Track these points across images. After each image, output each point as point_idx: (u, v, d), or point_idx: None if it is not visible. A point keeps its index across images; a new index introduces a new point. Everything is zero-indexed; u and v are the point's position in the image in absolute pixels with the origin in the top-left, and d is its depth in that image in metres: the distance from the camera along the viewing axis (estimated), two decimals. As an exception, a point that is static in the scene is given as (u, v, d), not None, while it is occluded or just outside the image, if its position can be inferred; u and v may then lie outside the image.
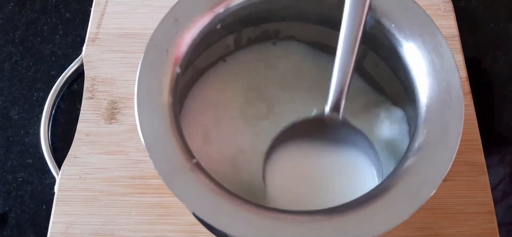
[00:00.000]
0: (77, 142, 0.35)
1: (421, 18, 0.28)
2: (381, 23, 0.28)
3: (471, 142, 0.35)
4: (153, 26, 0.27)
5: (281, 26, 0.34)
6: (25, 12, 0.43)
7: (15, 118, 0.38)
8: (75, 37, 0.42)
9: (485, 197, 0.33)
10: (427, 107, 0.26)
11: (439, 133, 0.25)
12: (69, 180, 0.33)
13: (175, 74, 0.27)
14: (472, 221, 0.33)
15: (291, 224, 0.23)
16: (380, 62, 0.33)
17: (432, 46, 0.27)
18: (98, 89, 0.37)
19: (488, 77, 0.41)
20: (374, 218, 0.23)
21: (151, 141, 0.24)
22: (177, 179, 0.23)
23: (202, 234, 0.31)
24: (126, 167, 0.34)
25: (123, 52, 0.38)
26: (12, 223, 0.34)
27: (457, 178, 0.34)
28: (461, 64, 0.38)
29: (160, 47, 0.27)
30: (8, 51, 0.41)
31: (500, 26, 0.44)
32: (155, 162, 0.24)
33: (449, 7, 0.41)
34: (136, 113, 0.25)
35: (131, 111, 0.36)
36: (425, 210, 0.27)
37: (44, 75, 0.40)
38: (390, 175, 0.25)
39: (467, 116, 0.36)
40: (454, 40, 0.39)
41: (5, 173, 0.36)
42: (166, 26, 0.28)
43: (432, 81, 0.26)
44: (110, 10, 0.40)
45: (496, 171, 0.37)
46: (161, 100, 0.25)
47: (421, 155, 0.24)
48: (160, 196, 0.33)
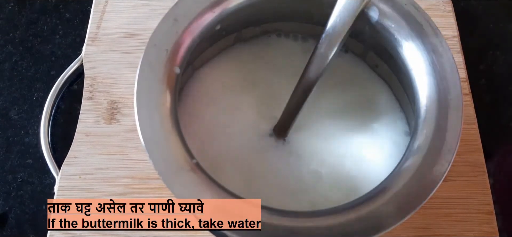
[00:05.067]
0: (77, 142, 0.35)
1: (421, 18, 0.28)
2: (381, 23, 0.28)
3: (471, 142, 0.35)
4: (153, 26, 0.27)
5: (281, 26, 0.34)
6: (25, 12, 0.43)
7: (15, 118, 0.38)
8: (75, 37, 0.42)
9: (485, 197, 0.33)
10: (427, 107, 0.26)
11: (439, 133, 0.25)
12: (69, 180, 0.33)
13: (175, 74, 0.27)
14: (472, 221, 0.33)
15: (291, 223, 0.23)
16: (380, 62, 0.33)
17: (432, 46, 0.27)
18: (98, 89, 0.37)
19: (488, 77, 0.41)
20: (374, 218, 0.23)
21: (151, 141, 0.24)
22: (177, 180, 0.23)
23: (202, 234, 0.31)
24: (126, 167, 0.34)
25: (123, 52, 0.38)
26: (12, 223, 0.34)
27: (457, 178, 0.34)
28: (461, 64, 0.38)
29: (160, 47, 0.27)
30: (8, 51, 0.41)
31: (500, 26, 0.44)
32: (155, 162, 0.24)
33: (449, 7, 0.41)
34: (136, 113, 0.25)
35: (131, 111, 0.36)
36: (425, 210, 0.27)
37: (44, 75, 0.40)
38: (390, 175, 0.25)
39: (467, 116, 0.36)
40: (454, 40, 0.39)
41: (5, 173, 0.36)
42: (166, 26, 0.28)
43: (432, 81, 0.26)
44: (110, 10, 0.40)
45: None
46: (161, 100, 0.25)
47: (421, 155, 0.24)
48: (160, 196, 0.33)
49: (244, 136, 0.31)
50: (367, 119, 0.32)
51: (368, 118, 0.32)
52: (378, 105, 0.33)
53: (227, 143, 0.31)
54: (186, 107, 0.31)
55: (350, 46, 0.34)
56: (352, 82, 0.34)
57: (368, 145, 0.31)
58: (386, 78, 0.33)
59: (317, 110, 0.32)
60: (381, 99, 0.33)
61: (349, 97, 0.33)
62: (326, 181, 0.30)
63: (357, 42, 0.33)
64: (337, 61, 0.34)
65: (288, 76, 0.31)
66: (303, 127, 0.31)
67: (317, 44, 0.28)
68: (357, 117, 0.32)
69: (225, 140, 0.31)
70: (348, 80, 0.34)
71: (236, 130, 0.31)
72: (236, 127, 0.32)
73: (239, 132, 0.31)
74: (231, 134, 0.31)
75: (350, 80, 0.34)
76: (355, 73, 0.34)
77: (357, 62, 0.34)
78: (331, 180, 0.30)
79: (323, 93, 0.32)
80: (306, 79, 0.28)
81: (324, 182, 0.30)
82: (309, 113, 0.31)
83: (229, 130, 0.31)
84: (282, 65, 0.34)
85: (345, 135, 0.32)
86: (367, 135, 0.32)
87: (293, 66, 0.31)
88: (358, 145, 0.31)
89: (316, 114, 0.32)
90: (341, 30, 0.27)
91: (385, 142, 0.31)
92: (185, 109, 0.31)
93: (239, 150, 0.31)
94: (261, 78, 0.34)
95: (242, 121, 0.32)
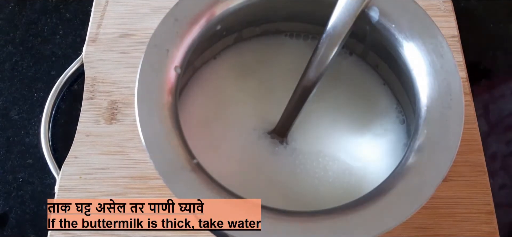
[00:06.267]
0: (78, 143, 0.35)
1: (421, 18, 0.28)
2: (381, 23, 0.28)
3: (471, 142, 0.35)
4: (153, 26, 0.27)
5: (282, 26, 0.34)
6: (25, 12, 0.43)
7: (15, 118, 0.38)
8: (75, 38, 0.42)
9: (485, 197, 0.33)
10: (427, 107, 0.26)
11: (439, 133, 0.25)
12: (69, 180, 0.33)
13: (176, 74, 0.27)
14: (472, 221, 0.33)
15: (291, 223, 0.23)
16: (380, 62, 0.33)
17: (432, 46, 0.27)
18: (98, 89, 0.37)
19: (488, 77, 0.41)
20: (374, 218, 0.23)
21: (151, 141, 0.24)
22: (178, 180, 0.23)
23: (202, 234, 0.31)
24: (127, 167, 0.34)
25: (123, 53, 0.38)
26: (12, 223, 0.34)
27: (457, 178, 0.34)
28: (461, 64, 0.38)
29: (160, 47, 0.27)
30: (8, 51, 0.41)
31: (500, 26, 0.44)
32: (156, 162, 0.24)
33: (449, 7, 0.41)
34: (137, 113, 0.25)
35: (131, 111, 0.36)
36: (425, 210, 0.27)
37: (44, 75, 0.40)
38: (390, 175, 0.25)
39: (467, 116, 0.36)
40: (454, 40, 0.39)
41: (5, 173, 0.36)
42: (166, 26, 0.28)
43: (432, 81, 0.26)
44: (110, 11, 0.40)
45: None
46: (161, 100, 0.25)
47: (421, 155, 0.24)
48: (161, 196, 0.33)
49: (245, 136, 0.31)
50: (367, 119, 0.32)
51: (368, 118, 0.32)
52: (378, 105, 0.33)
53: (227, 143, 0.31)
54: (186, 107, 0.31)
55: (350, 46, 0.34)
56: (352, 82, 0.34)
57: (368, 145, 0.31)
58: (386, 78, 0.33)
59: (317, 110, 0.32)
60: (381, 99, 0.33)
61: (349, 97, 0.33)
62: (326, 181, 0.30)
63: (357, 42, 0.33)
64: (338, 61, 0.34)
65: (288, 76, 0.31)
66: (303, 127, 0.32)
67: (318, 44, 0.28)
68: (357, 117, 0.32)
69: (225, 140, 0.31)
70: (348, 80, 0.34)
71: (237, 130, 0.31)
72: (237, 127, 0.32)
73: (239, 132, 0.31)
74: (231, 134, 0.31)
75: (351, 80, 0.34)
76: (356, 73, 0.34)
77: (358, 62, 0.34)
78: (331, 180, 0.30)
79: (323, 93, 0.32)
80: (306, 80, 0.28)
81: (324, 182, 0.30)
82: (309, 113, 0.31)
83: (230, 130, 0.31)
84: (283, 65, 0.34)
85: (345, 135, 0.32)
86: (367, 135, 0.32)
87: (294, 66, 0.31)
88: (358, 145, 0.31)
89: (316, 114, 0.32)
90: (341, 30, 0.27)
91: (385, 142, 0.31)
92: (185, 109, 0.31)
93: (239, 150, 0.31)
94: (261, 78, 0.34)
95: (242, 121, 0.32)
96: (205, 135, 0.31)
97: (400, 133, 0.31)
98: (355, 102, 0.33)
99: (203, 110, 0.32)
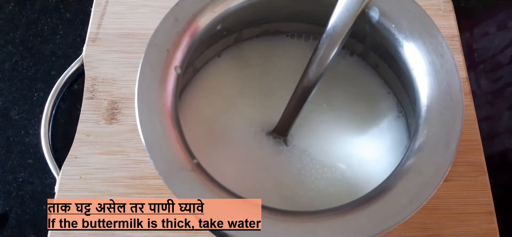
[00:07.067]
0: (78, 143, 0.35)
1: (421, 18, 0.28)
2: (381, 23, 0.28)
3: (471, 142, 0.35)
4: (153, 26, 0.27)
5: (282, 26, 0.34)
6: (25, 12, 0.43)
7: (16, 118, 0.38)
8: (75, 37, 0.42)
9: (485, 197, 0.33)
10: (427, 107, 0.26)
11: (439, 133, 0.25)
12: (69, 180, 0.33)
13: (176, 74, 0.27)
14: (472, 221, 0.33)
15: (291, 224, 0.23)
16: (380, 62, 0.33)
17: (432, 46, 0.27)
18: (98, 89, 0.37)
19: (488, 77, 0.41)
20: (374, 218, 0.23)
21: (151, 141, 0.24)
22: (178, 180, 0.23)
23: (202, 234, 0.31)
24: (127, 167, 0.34)
25: (123, 52, 0.38)
26: (12, 223, 0.34)
27: (457, 178, 0.34)
28: (461, 64, 0.38)
29: (160, 47, 0.27)
30: (8, 51, 0.41)
31: (500, 26, 0.44)
32: (156, 162, 0.24)
33: (449, 7, 0.41)
34: (137, 113, 0.25)
35: (131, 111, 0.36)
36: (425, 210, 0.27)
37: (44, 75, 0.40)
38: (390, 175, 0.25)
39: (467, 116, 0.36)
40: (454, 40, 0.39)
41: (5, 173, 0.36)
42: (166, 26, 0.28)
43: (432, 81, 0.26)
44: (110, 10, 0.40)
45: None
46: (161, 100, 0.25)
47: (421, 155, 0.24)
48: (161, 196, 0.33)
49: (245, 136, 0.31)
50: (367, 119, 0.32)
51: (368, 117, 0.32)
52: (378, 104, 0.33)
53: (227, 143, 0.31)
54: (187, 107, 0.31)
55: (350, 46, 0.34)
56: (352, 82, 0.34)
57: (368, 145, 0.31)
58: (386, 78, 0.33)
59: (317, 109, 0.32)
60: (381, 99, 0.33)
61: (349, 97, 0.33)
62: (326, 181, 0.30)
63: (357, 42, 0.33)
64: (338, 61, 0.34)
65: (288, 76, 0.31)
66: (303, 127, 0.32)
67: (318, 44, 0.28)
68: (357, 117, 0.32)
69: (225, 140, 0.31)
70: (348, 80, 0.34)
71: (237, 130, 0.31)
72: (237, 127, 0.32)
73: (239, 132, 0.31)
74: (231, 134, 0.31)
75: (351, 80, 0.34)
76: (356, 73, 0.34)
77: (358, 62, 0.34)
78: (331, 179, 0.30)
79: (323, 92, 0.32)
80: (306, 79, 0.28)
81: (324, 182, 0.30)
82: (309, 113, 0.31)
83: (230, 130, 0.31)
84: (283, 65, 0.34)
85: (345, 135, 0.32)
86: (368, 134, 0.32)
87: (294, 66, 0.31)
88: (358, 144, 0.31)
89: (316, 114, 0.32)
90: (341, 30, 0.27)
91: (385, 142, 0.31)
92: (186, 109, 0.31)
93: (239, 150, 0.31)
94: (261, 78, 0.34)
95: (242, 121, 0.32)
96: (205, 135, 0.31)
97: (400, 133, 0.32)
98: (355, 102, 0.33)
99: (203, 110, 0.32)
